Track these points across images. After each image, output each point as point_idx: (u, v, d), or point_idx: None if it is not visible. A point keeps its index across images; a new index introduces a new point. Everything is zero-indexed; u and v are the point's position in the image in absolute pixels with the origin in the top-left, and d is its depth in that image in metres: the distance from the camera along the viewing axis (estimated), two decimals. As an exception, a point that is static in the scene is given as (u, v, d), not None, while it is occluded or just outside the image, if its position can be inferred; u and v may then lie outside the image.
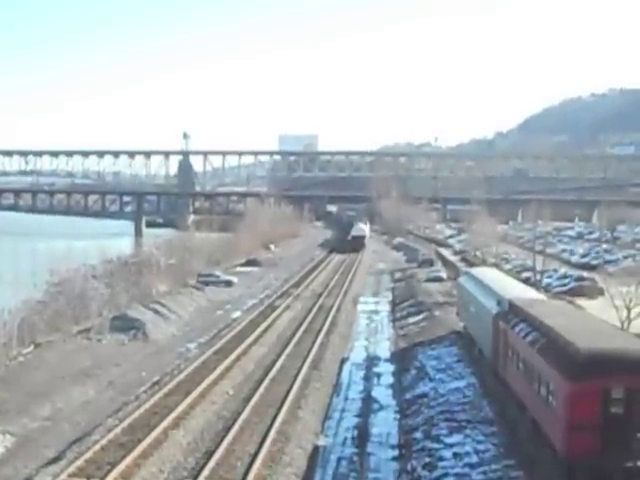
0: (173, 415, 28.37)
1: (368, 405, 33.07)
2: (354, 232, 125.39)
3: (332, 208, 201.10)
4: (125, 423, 27.56)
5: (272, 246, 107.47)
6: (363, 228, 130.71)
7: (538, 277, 62.71)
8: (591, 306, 45.67)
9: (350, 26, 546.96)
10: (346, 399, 34.03)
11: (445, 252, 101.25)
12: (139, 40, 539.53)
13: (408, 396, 33.87)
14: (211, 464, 23.53)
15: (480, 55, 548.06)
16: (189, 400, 30.46)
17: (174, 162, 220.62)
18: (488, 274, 43.94)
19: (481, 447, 25.42)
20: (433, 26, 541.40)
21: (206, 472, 23.00)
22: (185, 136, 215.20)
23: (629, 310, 39.92)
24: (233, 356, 38.85)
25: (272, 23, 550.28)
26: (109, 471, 22.80)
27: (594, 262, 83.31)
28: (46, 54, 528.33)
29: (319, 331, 46.86)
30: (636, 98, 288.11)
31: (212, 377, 34.32)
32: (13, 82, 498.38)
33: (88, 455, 24.15)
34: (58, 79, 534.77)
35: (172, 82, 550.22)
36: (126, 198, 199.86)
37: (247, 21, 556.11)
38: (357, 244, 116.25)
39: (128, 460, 23.57)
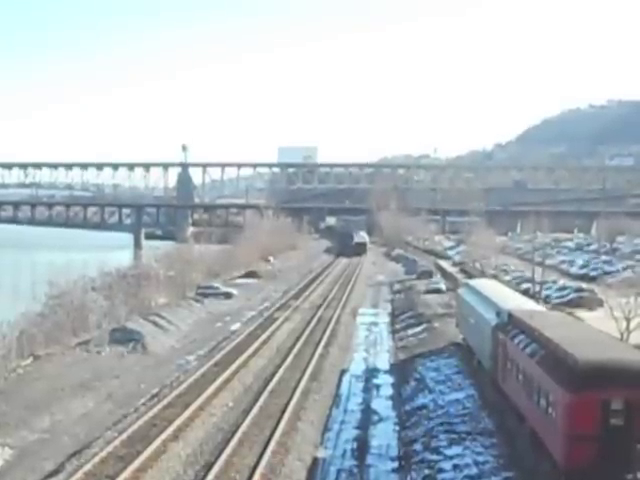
0: (172, 427, 28.30)
1: (367, 417, 33.00)
2: (357, 239, 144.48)
3: (331, 220, 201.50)
4: (124, 435, 27.49)
5: (271, 258, 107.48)
6: (364, 236, 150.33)
7: (537, 288, 62.72)
8: (590, 317, 45.65)
9: (349, 38, 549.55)
10: (345, 411, 33.96)
11: (444, 263, 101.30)
12: (139, 46, 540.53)
13: (407, 408, 33.81)
14: (210, 477, 23.46)
15: (479, 67, 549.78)
16: (188, 412, 30.37)
17: (173, 174, 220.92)
18: (487, 285, 43.96)
19: (481, 459, 25.36)
20: (432, 38, 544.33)
21: (205, 484, 22.98)
22: (184, 148, 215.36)
23: (628, 321, 39.93)
24: (232, 368, 38.77)
25: (272, 36, 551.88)
26: (108, 484, 22.80)
27: (593, 273, 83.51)
28: (45, 56, 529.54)
29: (318, 343, 46.79)
30: (635, 109, 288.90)
31: (211, 389, 34.24)
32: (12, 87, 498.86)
33: (87, 468, 24.07)
34: (57, 89, 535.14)
35: (171, 94, 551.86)
36: (125, 210, 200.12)
37: (248, 32, 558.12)
38: (360, 249, 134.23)
39: (127, 473, 23.50)
